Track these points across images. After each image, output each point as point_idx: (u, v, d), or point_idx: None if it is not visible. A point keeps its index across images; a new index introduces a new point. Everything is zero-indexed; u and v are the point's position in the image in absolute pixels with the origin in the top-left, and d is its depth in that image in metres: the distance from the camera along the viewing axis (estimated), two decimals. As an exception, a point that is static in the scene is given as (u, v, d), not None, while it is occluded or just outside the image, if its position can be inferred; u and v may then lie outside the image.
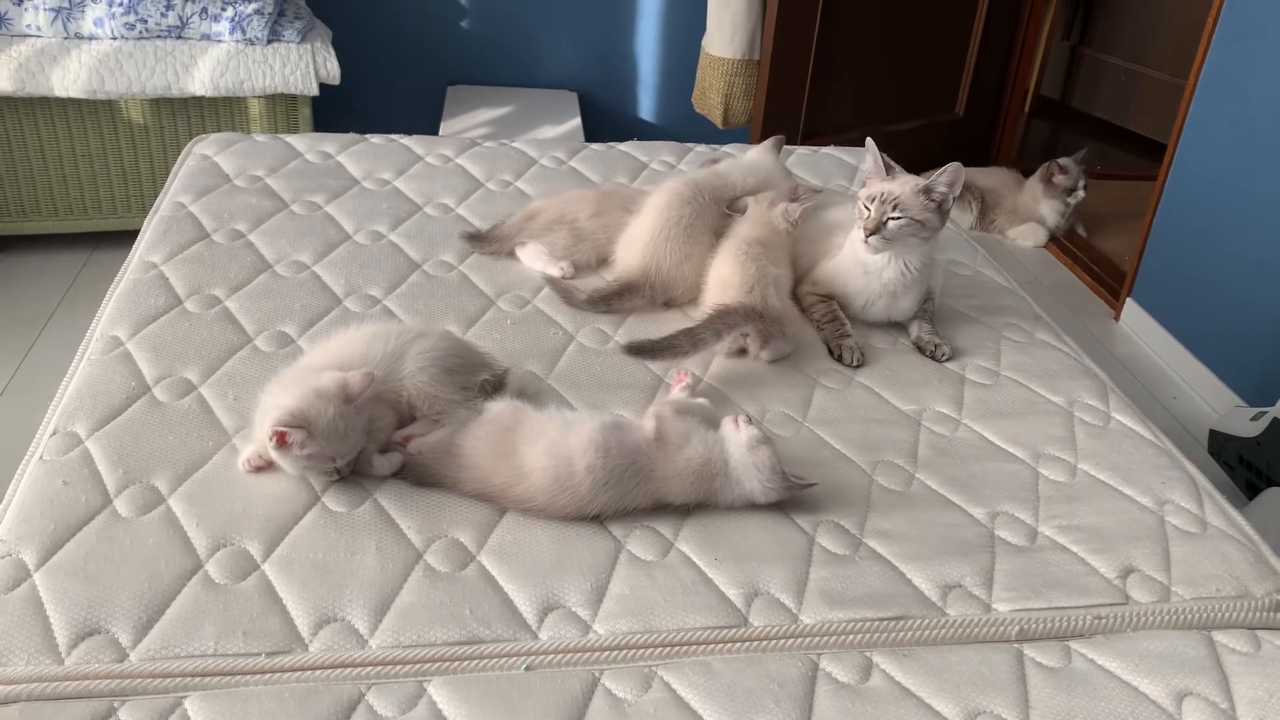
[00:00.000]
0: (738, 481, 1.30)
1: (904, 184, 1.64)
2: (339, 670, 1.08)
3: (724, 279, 1.65)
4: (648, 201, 1.79)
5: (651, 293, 1.73)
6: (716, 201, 1.79)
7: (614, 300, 1.72)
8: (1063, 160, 3.72)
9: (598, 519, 1.27)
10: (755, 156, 1.93)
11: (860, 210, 1.67)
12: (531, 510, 1.27)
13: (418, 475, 1.31)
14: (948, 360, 1.70)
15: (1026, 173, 3.90)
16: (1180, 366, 3.07)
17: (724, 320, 1.56)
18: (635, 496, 1.28)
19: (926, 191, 1.63)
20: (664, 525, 1.29)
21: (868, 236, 1.64)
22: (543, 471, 1.26)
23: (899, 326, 1.79)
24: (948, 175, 1.62)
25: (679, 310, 1.74)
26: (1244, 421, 2.48)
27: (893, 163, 1.72)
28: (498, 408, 1.35)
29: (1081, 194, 3.74)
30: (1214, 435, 2.58)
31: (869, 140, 1.67)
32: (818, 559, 1.26)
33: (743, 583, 1.22)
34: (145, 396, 1.42)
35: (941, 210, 1.65)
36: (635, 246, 1.75)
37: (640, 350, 1.54)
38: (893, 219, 1.62)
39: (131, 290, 1.66)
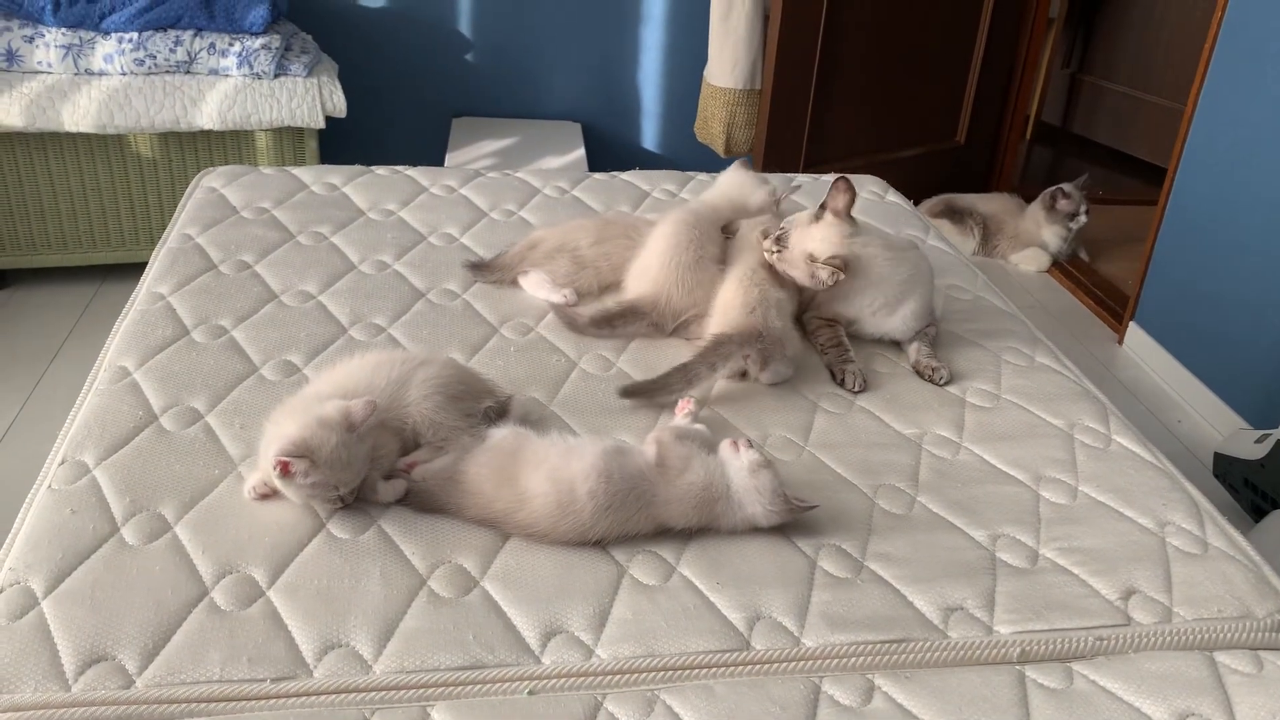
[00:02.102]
0: (740, 505, 1.30)
1: (803, 241, 1.66)
2: (343, 695, 1.08)
3: (727, 302, 1.67)
4: (654, 232, 1.81)
5: (659, 319, 1.74)
6: (714, 227, 1.82)
7: (616, 321, 1.73)
8: (1066, 186, 3.74)
9: (600, 544, 1.28)
10: (725, 178, 1.97)
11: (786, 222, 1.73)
12: (534, 536, 1.28)
13: (421, 502, 1.32)
14: (946, 384, 1.71)
15: (1028, 198, 3.93)
16: (1184, 390, 3.07)
17: (718, 353, 1.58)
18: (637, 522, 1.29)
19: (812, 268, 1.65)
20: (666, 550, 1.29)
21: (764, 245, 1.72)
22: (545, 497, 1.27)
23: (900, 350, 1.80)
24: (827, 275, 1.64)
25: (682, 339, 1.75)
26: (1249, 444, 2.48)
27: (851, 197, 1.71)
28: (500, 434, 1.36)
29: (1084, 219, 3.76)
30: (1219, 458, 2.58)
31: (845, 180, 1.70)
32: (819, 582, 1.27)
33: (745, 606, 1.22)
34: (152, 425, 1.43)
35: (815, 282, 1.68)
36: (648, 275, 1.76)
37: (635, 392, 1.56)
38: (774, 255, 1.69)
39: (139, 321, 1.68)
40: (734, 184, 1.94)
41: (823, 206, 1.70)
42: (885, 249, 1.73)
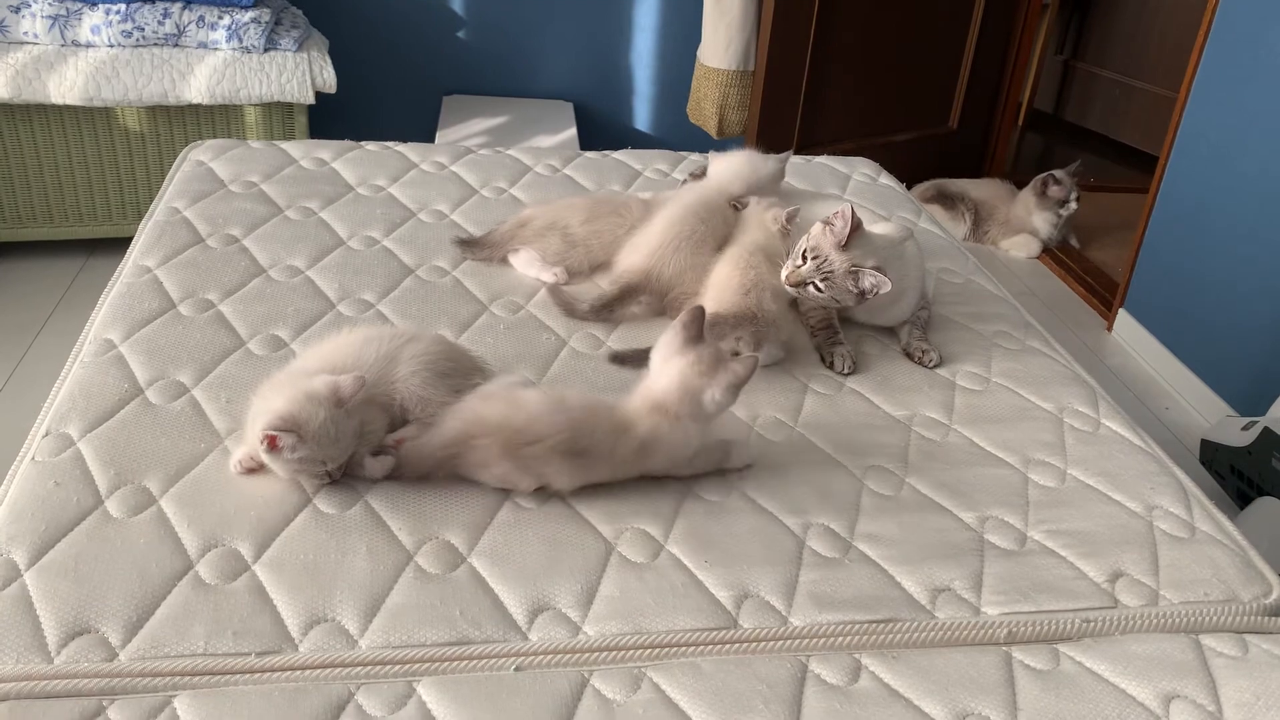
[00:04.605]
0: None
1: (845, 258, 1.61)
2: (328, 670, 1.08)
3: (723, 281, 1.66)
4: (661, 212, 1.80)
5: (650, 298, 1.73)
6: (724, 218, 1.81)
7: (615, 305, 1.73)
8: (1058, 172, 3.74)
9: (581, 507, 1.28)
10: (726, 160, 1.95)
11: (797, 254, 1.66)
12: (531, 449, 1.26)
13: (414, 467, 1.31)
14: (935, 367, 1.71)
15: (1020, 184, 3.93)
16: (1172, 377, 3.08)
17: (711, 332, 1.57)
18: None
19: (855, 276, 1.62)
20: (654, 528, 1.29)
21: (788, 284, 1.65)
22: (537, 403, 1.28)
23: (890, 332, 1.80)
24: (873, 281, 1.60)
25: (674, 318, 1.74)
26: (1235, 431, 2.49)
27: (860, 223, 1.65)
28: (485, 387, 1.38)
29: (1075, 206, 3.76)
30: (1205, 445, 2.59)
31: (847, 206, 1.64)
32: (808, 562, 1.27)
33: (733, 585, 1.22)
34: (138, 399, 1.42)
35: (862, 296, 1.64)
36: (642, 251, 1.76)
37: (625, 359, 1.55)
38: (815, 286, 1.62)
39: (125, 294, 1.66)
40: (739, 161, 1.92)
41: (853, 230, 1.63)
42: (889, 247, 1.72)
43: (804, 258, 1.63)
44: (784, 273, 1.66)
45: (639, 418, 1.30)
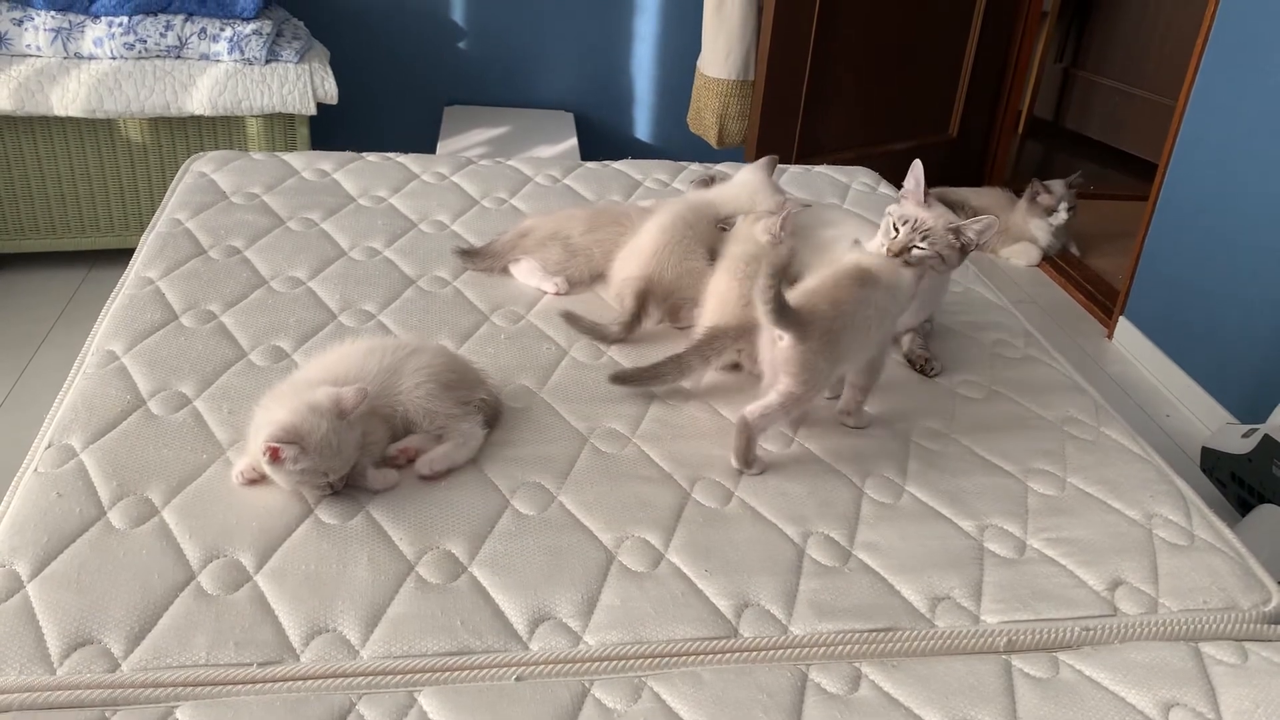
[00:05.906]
0: None
1: (938, 217, 1.61)
2: (330, 680, 1.08)
3: (720, 294, 1.66)
4: (650, 221, 1.81)
5: (657, 303, 1.74)
6: (710, 225, 1.82)
7: (641, 315, 1.72)
8: (1050, 181, 3.75)
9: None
10: (743, 176, 1.95)
11: (888, 228, 1.66)
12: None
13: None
14: (937, 375, 1.72)
15: (1019, 193, 3.93)
16: (1173, 384, 3.08)
17: (712, 346, 1.57)
18: None
19: (956, 232, 1.62)
20: (655, 536, 1.29)
21: (890, 254, 1.65)
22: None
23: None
24: (981, 225, 1.59)
25: (675, 327, 1.75)
26: (1236, 438, 2.49)
27: (929, 193, 1.66)
28: None
29: (1064, 215, 3.76)
30: (1206, 452, 2.59)
31: (916, 162, 1.64)
32: (808, 571, 1.27)
33: (733, 594, 1.23)
34: (140, 410, 1.43)
35: (964, 252, 1.64)
36: (637, 258, 1.77)
37: (627, 379, 1.55)
38: (918, 248, 1.62)
39: (128, 305, 1.67)
40: (748, 183, 1.91)
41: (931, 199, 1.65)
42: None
43: (895, 229, 1.62)
44: (882, 244, 1.63)
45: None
